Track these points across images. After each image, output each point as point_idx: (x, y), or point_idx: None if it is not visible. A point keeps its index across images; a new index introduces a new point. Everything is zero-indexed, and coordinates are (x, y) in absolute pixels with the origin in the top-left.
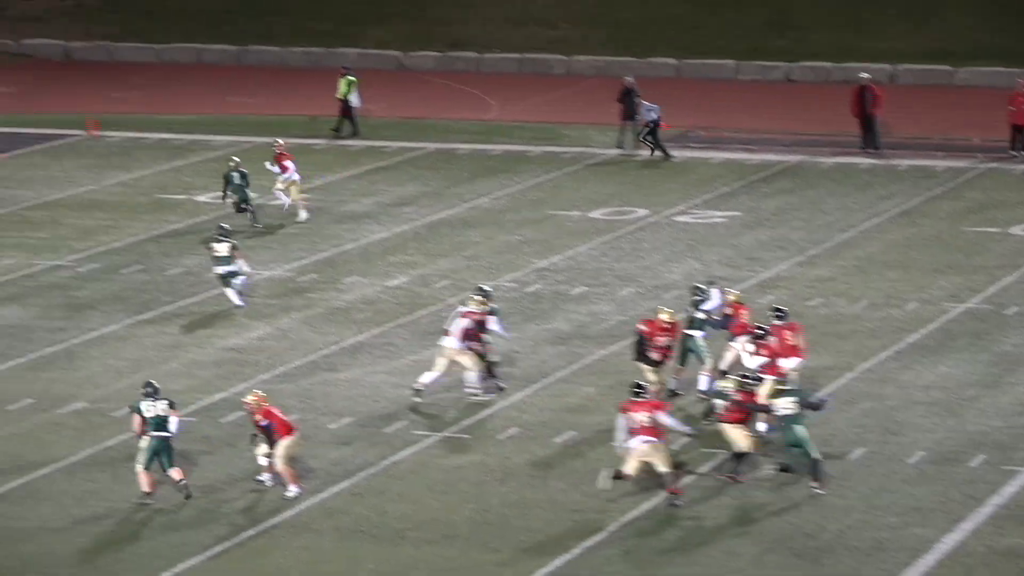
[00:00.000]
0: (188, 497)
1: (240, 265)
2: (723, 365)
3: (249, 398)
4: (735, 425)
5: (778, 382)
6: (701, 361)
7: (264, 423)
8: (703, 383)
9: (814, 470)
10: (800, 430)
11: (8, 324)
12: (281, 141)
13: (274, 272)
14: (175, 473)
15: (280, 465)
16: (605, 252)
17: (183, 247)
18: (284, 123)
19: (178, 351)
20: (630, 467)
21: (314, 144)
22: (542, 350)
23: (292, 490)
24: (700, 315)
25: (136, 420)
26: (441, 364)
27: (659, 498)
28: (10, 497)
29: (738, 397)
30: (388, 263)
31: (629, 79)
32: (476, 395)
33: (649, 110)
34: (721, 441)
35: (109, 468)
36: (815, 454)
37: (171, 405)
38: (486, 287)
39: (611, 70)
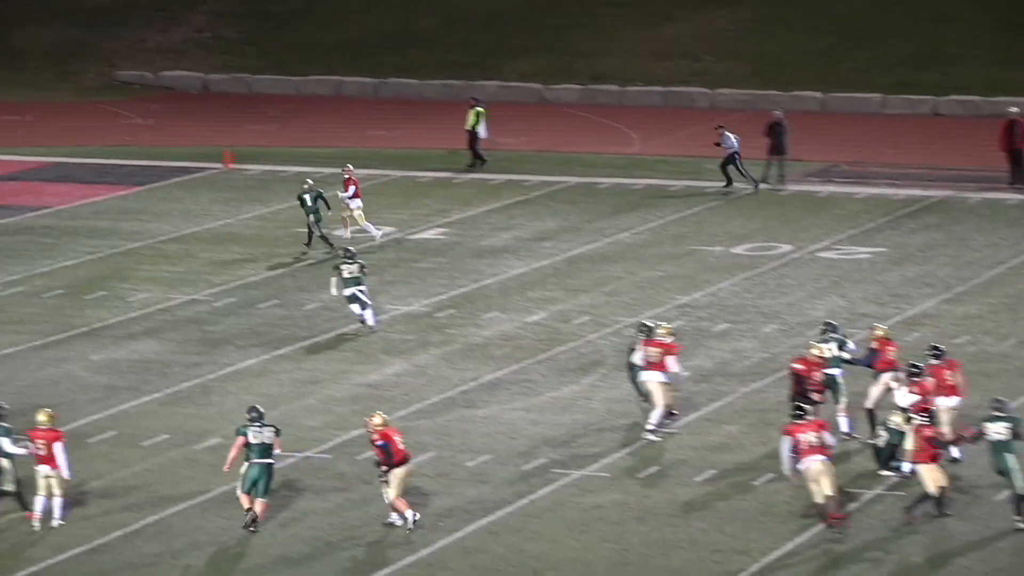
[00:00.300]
0: (252, 531)
1: (365, 287)
2: (869, 403)
3: (375, 419)
4: (930, 465)
5: (931, 419)
6: (838, 401)
7: (380, 443)
8: (843, 424)
9: (1017, 504)
10: (1011, 459)
11: (144, 359)
12: (351, 166)
13: (412, 307)
14: (259, 505)
15: (392, 494)
16: (748, 288)
17: (320, 281)
18: (422, 157)
19: (314, 387)
20: (815, 493)
21: (453, 178)
22: (683, 387)
23: (409, 515)
24: (844, 354)
25: (237, 443)
26: (658, 398)
27: (802, 536)
28: (144, 533)
29: (927, 434)
30: (527, 298)
31: (778, 113)
32: (654, 436)
33: (730, 139)
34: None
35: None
36: (1020, 487)
37: (277, 432)
38: (653, 323)
39: (755, 104)
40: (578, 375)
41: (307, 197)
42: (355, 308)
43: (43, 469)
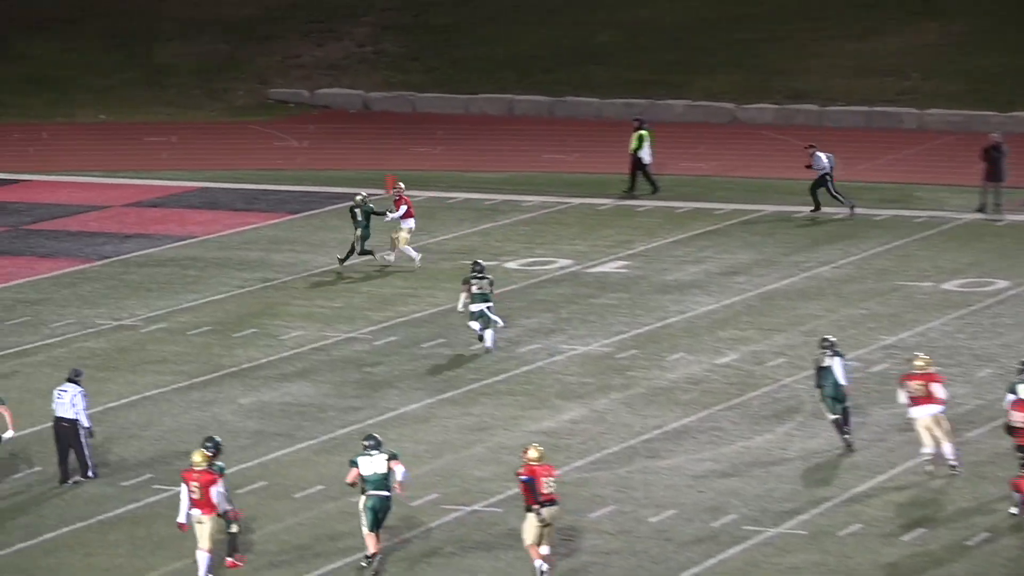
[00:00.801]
0: (364, 568)
1: (491, 306)
2: None
3: (530, 452)
4: None
5: None
6: None
7: (525, 478)
8: None
9: None
10: None
11: (298, 402)
12: (403, 184)
13: (590, 347)
14: (371, 541)
15: (527, 538)
16: (960, 328)
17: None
18: (602, 182)
19: (483, 434)
20: (924, 438)
21: (637, 206)
22: (890, 437)
23: (537, 566)
24: None
25: (351, 475)
26: (927, 436)
27: None
28: None
29: None
30: (717, 338)
31: (995, 135)
32: (956, 470)
33: (821, 159)
34: None
35: (405, 563)
36: None
37: (393, 457)
38: (911, 355)
39: (969, 125)
40: (772, 423)
41: (358, 212)
42: (475, 325)
43: (196, 514)
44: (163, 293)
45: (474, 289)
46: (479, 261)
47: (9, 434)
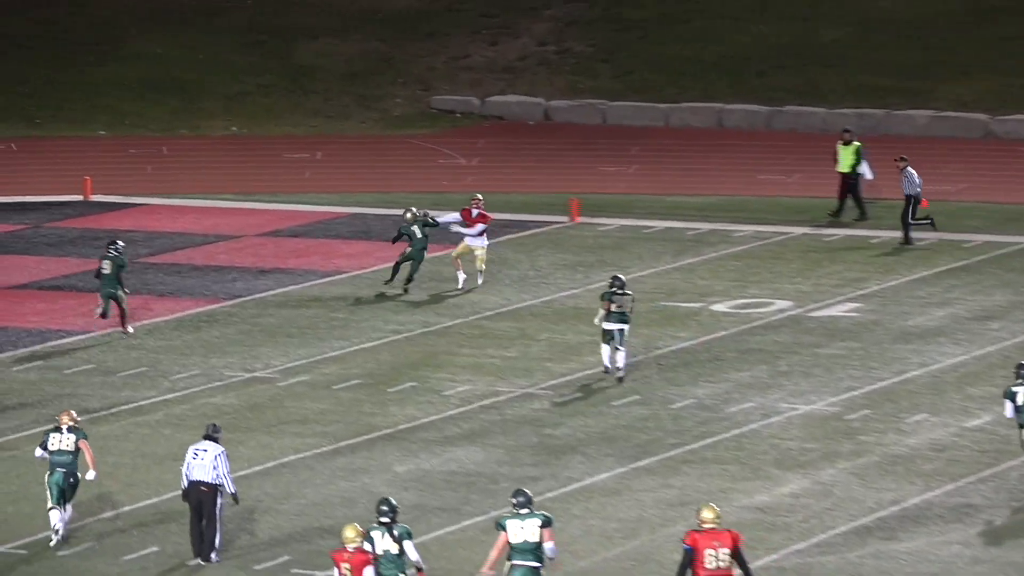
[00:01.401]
0: None
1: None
2: None
3: (704, 511)
4: None
5: None
6: None
7: (686, 547)
8: None
9: None
10: None
11: (464, 471)
12: (480, 196)
13: (814, 406)
14: None
15: None
16: None
17: (696, 371)
18: (828, 208)
19: (686, 509)
20: None
21: (871, 237)
22: None
23: None
24: None
25: (499, 541)
26: None
27: None
28: None
29: None
30: (966, 396)
31: None
32: None
33: (914, 178)
34: None
35: None
36: None
37: (546, 523)
38: None
39: None
40: None
41: (415, 230)
42: (605, 350)
43: None
44: (306, 339)
45: (613, 306)
46: (620, 276)
47: (92, 475)
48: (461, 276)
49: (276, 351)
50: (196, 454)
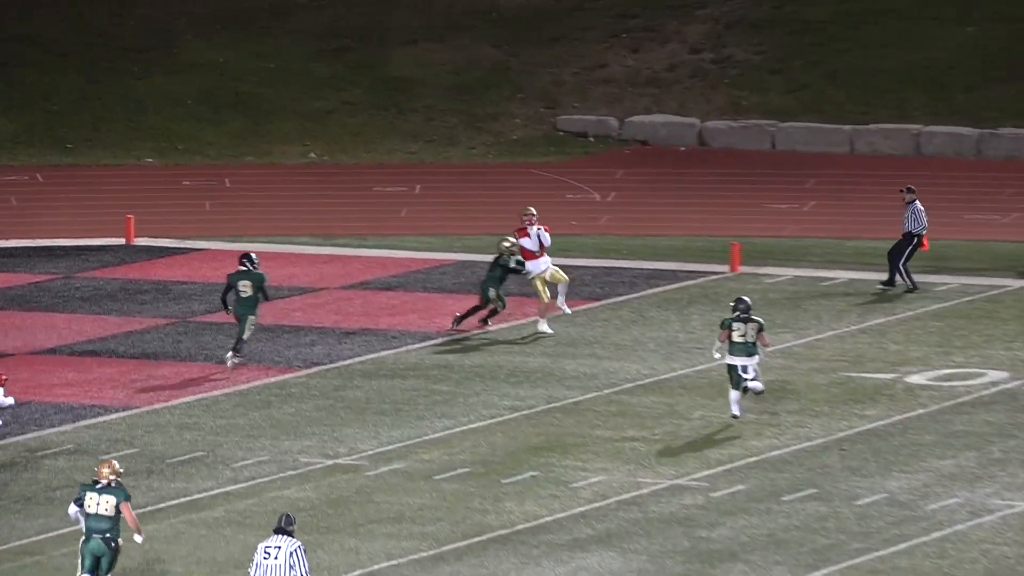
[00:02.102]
0: None
1: (757, 362)
2: None
3: None
4: None
5: None
6: None
7: None
8: None
9: None
10: None
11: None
12: (533, 210)
13: None
14: None
15: None
16: None
17: (888, 459)
18: None
19: None
20: None
21: None
22: None
23: None
24: None
25: None
26: None
27: None
28: None
29: None
30: None
31: None
32: None
33: (919, 214)
34: None
35: None
36: None
37: None
38: None
39: None
40: None
41: (512, 261)
42: (733, 395)
43: None
44: (401, 417)
45: (735, 335)
46: (744, 298)
47: (139, 539)
48: (546, 328)
49: (364, 432)
50: (267, 553)
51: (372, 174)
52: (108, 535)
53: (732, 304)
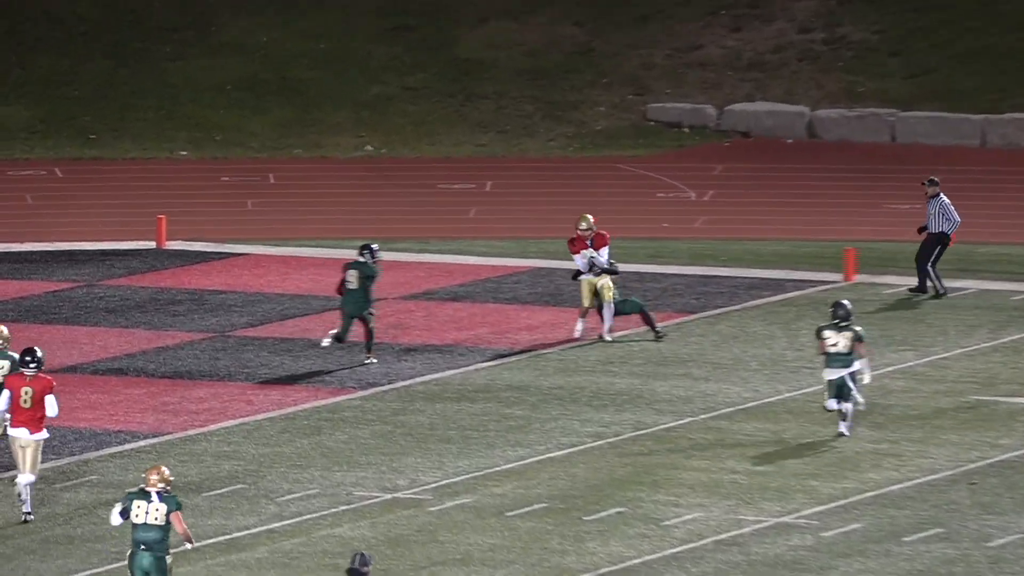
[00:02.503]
0: None
1: (862, 368)
2: None
3: None
4: None
5: None
6: None
7: None
8: None
9: None
10: None
11: None
12: (591, 219)
13: None
14: None
15: None
16: None
17: (1021, 499)
18: None
19: None
20: None
21: None
22: None
23: None
24: None
25: None
26: None
27: None
28: None
29: None
30: None
31: None
32: None
33: (949, 215)
34: None
35: None
36: None
37: None
38: None
39: None
40: None
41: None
42: (831, 404)
43: None
44: (468, 446)
45: (828, 345)
46: (844, 302)
47: (190, 547)
48: (581, 325)
49: (426, 462)
50: None
51: (436, 169)
52: (157, 549)
53: (831, 309)
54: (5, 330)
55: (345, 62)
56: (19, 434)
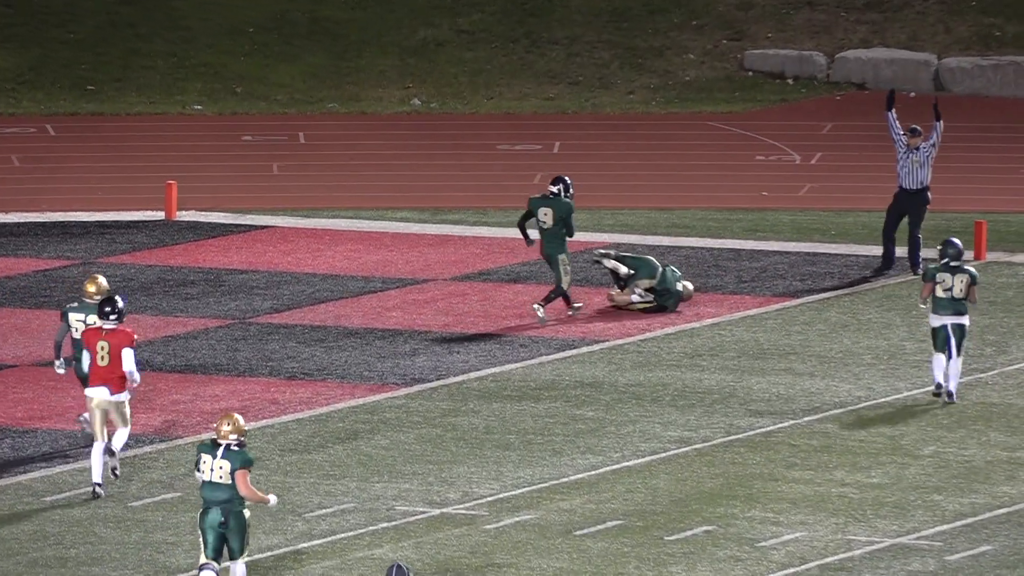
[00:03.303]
0: None
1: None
2: None
3: None
4: None
5: None
6: None
7: None
8: None
9: None
10: None
11: None
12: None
13: None
14: None
15: None
16: None
17: None
18: None
19: None
20: None
21: None
22: None
23: None
24: None
25: None
26: None
27: None
28: None
29: None
30: None
31: None
32: None
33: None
34: None
35: None
36: None
37: None
38: None
39: None
40: None
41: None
42: (937, 360)
43: None
44: (530, 452)
45: (939, 290)
46: (954, 239)
47: (274, 499)
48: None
49: (482, 471)
50: None
51: (496, 127)
52: (229, 507)
53: (939, 247)
54: (103, 281)
55: (389, 0)
56: (96, 393)
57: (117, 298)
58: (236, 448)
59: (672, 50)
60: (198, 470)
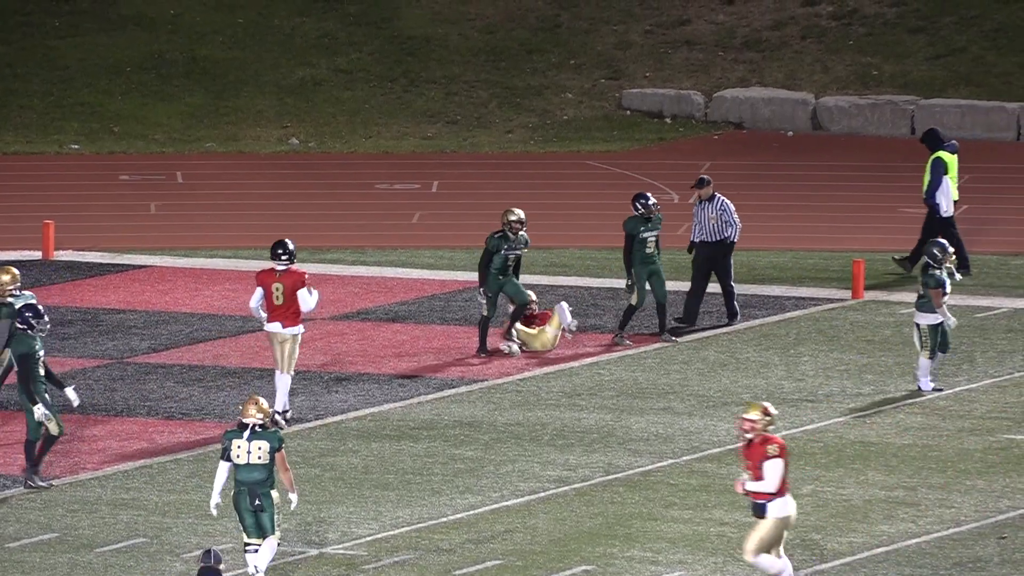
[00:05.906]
0: None
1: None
2: None
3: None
4: None
5: None
6: None
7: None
8: None
9: None
10: None
11: None
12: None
13: None
14: None
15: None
16: None
17: None
18: None
19: None
20: None
21: None
22: None
23: None
24: None
25: None
26: None
27: None
28: None
29: None
30: None
31: None
32: None
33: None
34: None
35: None
36: None
37: None
38: None
39: None
40: None
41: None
42: (923, 364)
43: None
44: (408, 492)
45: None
46: (940, 240)
47: (294, 499)
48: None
49: (361, 511)
50: None
51: (374, 166)
52: (259, 490)
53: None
54: (15, 270)
55: (267, 40)
56: (274, 328)
57: (287, 240)
58: (269, 426)
59: (550, 89)
60: (227, 458)
